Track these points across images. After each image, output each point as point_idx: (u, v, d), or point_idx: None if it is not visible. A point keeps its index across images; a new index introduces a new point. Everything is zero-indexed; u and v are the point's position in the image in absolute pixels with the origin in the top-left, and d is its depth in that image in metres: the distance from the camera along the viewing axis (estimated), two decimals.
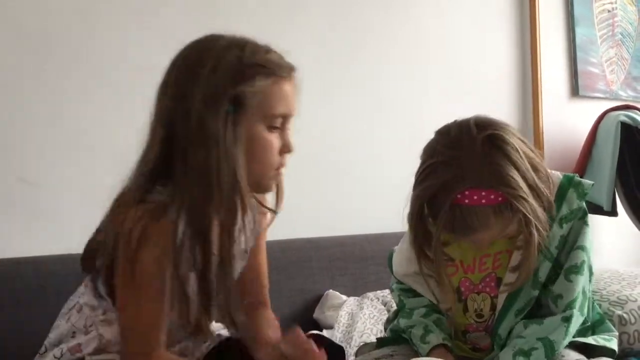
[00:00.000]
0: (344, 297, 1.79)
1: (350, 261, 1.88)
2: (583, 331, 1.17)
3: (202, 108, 0.96)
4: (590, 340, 1.15)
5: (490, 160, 1.00)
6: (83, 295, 1.11)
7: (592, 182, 1.14)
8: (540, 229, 1.02)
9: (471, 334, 1.19)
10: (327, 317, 1.74)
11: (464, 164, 1.01)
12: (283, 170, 1.08)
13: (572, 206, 1.11)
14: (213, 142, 0.96)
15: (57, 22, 1.59)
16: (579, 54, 2.62)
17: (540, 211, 1.02)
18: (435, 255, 1.07)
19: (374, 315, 1.69)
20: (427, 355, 1.14)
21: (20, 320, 1.40)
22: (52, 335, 1.11)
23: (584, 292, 1.11)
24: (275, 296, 1.73)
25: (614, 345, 1.17)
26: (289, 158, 1.08)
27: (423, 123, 2.17)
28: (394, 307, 1.73)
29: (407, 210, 1.11)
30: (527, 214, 1.00)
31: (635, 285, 1.51)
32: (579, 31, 2.63)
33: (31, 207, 1.55)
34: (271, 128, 1.03)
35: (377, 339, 1.34)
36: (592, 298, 1.22)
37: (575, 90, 2.61)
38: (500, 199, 0.99)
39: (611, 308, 1.42)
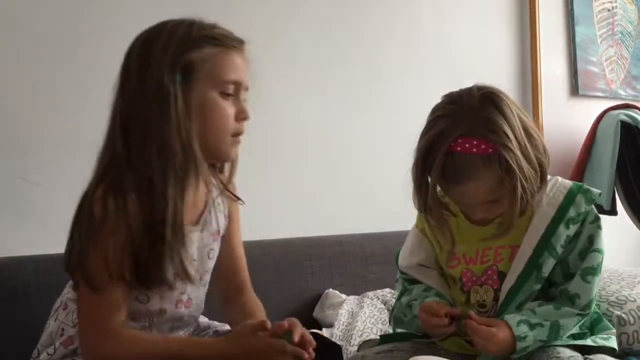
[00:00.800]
0: (343, 296, 1.79)
1: (350, 260, 1.88)
2: (582, 334, 1.19)
3: (152, 83, 1.03)
4: (588, 342, 1.16)
5: (484, 112, 1.10)
6: (68, 292, 1.14)
7: (600, 191, 1.19)
8: (525, 186, 1.08)
9: None
10: (327, 316, 1.74)
11: (460, 115, 1.10)
12: (241, 139, 1.12)
13: (580, 210, 1.16)
14: (166, 114, 1.02)
15: (56, 21, 1.59)
16: (578, 53, 2.62)
17: (527, 168, 1.08)
18: (433, 203, 1.14)
19: (374, 315, 1.69)
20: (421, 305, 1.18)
21: (18, 320, 1.40)
22: (43, 337, 1.13)
23: (595, 294, 1.17)
24: (275, 295, 1.75)
25: (613, 343, 1.19)
26: (246, 126, 1.13)
27: (423, 122, 2.19)
28: None
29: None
30: (511, 163, 1.06)
31: (634, 285, 1.51)
32: (579, 30, 2.63)
33: (31, 206, 1.55)
34: (224, 95, 1.08)
35: (380, 335, 1.36)
36: None
37: (575, 89, 2.61)
38: (490, 150, 1.07)
39: (610, 308, 1.42)
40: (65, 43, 1.60)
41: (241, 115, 1.10)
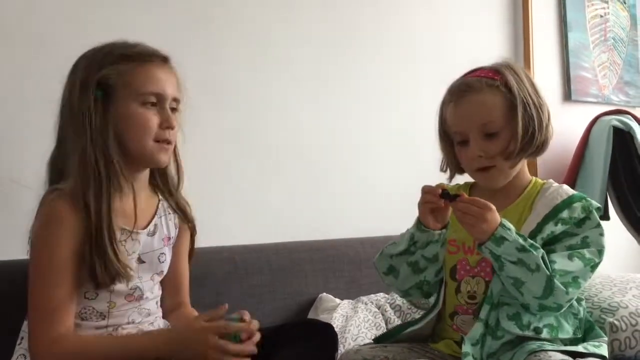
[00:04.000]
0: (337, 300, 1.79)
1: (344, 264, 1.88)
2: (575, 341, 1.19)
3: (73, 100, 1.15)
4: (579, 348, 1.17)
5: (500, 62, 1.27)
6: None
7: (599, 205, 1.22)
8: (526, 117, 1.20)
9: (459, 316, 1.23)
10: (321, 320, 1.74)
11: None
12: (170, 147, 1.21)
13: (573, 214, 1.18)
14: (84, 127, 1.12)
15: (52, 22, 1.58)
16: (571, 59, 2.64)
17: (530, 101, 1.21)
18: (441, 126, 1.28)
19: (369, 319, 1.69)
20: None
21: (12, 323, 1.39)
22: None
23: (576, 279, 1.14)
24: (269, 299, 1.75)
25: (603, 351, 1.20)
26: (176, 136, 1.22)
27: (417, 126, 2.19)
28: (388, 310, 1.74)
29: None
30: (514, 88, 1.19)
31: (626, 292, 1.52)
32: (572, 36, 2.65)
33: (22, 209, 1.54)
34: (146, 105, 1.16)
35: (374, 338, 1.37)
36: (585, 307, 1.25)
37: (567, 95, 2.62)
38: (496, 77, 1.22)
39: (602, 315, 1.43)
40: (60, 44, 1.59)
41: (165, 124, 1.18)
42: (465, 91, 1.22)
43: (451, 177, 1.33)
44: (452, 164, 1.30)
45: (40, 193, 1.52)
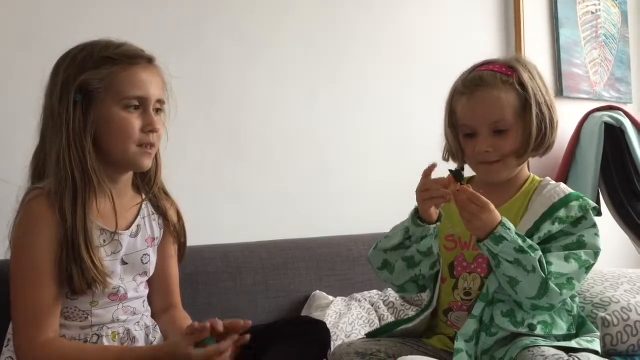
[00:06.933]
0: (330, 297, 1.79)
1: (337, 262, 1.88)
2: (568, 337, 1.20)
3: (54, 102, 1.13)
4: (572, 343, 1.17)
5: (512, 56, 1.28)
6: None
7: (595, 205, 1.22)
8: (541, 109, 1.19)
9: (453, 312, 1.23)
10: (315, 317, 1.74)
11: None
12: (153, 150, 1.19)
13: (570, 213, 1.19)
14: (61, 130, 1.11)
15: (43, 21, 1.57)
16: (562, 55, 2.65)
17: (542, 100, 1.19)
18: (450, 116, 1.26)
19: (362, 316, 1.69)
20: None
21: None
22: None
23: (570, 280, 1.15)
24: (262, 296, 1.75)
25: (596, 346, 1.20)
26: (160, 139, 1.20)
27: (409, 125, 2.20)
28: (381, 307, 1.75)
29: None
30: (528, 85, 1.18)
31: (617, 286, 1.53)
32: (563, 32, 2.66)
33: (13, 209, 1.53)
34: (128, 108, 1.14)
35: (366, 333, 1.37)
36: (577, 304, 1.26)
37: (559, 91, 2.63)
38: (510, 72, 1.20)
39: (594, 310, 1.44)
40: (52, 40, 1.57)
41: (148, 128, 1.16)
42: (479, 85, 1.20)
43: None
44: (458, 154, 1.27)
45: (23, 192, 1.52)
